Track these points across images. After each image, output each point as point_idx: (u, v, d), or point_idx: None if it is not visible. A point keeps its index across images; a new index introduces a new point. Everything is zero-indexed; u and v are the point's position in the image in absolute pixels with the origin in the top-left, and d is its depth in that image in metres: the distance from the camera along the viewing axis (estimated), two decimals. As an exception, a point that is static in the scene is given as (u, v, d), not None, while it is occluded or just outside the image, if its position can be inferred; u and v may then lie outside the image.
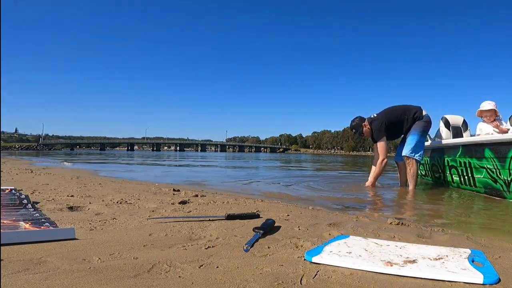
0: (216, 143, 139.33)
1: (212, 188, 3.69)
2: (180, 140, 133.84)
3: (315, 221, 1.78)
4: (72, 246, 1.19)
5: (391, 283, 0.93)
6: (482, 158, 3.17)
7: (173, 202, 2.28)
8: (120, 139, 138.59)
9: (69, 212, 1.89)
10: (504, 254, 1.22)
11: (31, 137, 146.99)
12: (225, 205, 2.22)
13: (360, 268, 1.03)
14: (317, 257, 1.09)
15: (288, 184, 4.42)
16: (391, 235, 1.49)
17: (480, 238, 1.50)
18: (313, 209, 2.24)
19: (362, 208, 2.61)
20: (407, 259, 1.10)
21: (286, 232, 1.50)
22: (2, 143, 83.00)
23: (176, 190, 2.99)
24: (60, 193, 2.59)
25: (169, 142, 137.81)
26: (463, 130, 4.66)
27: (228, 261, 1.07)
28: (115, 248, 1.18)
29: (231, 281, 0.91)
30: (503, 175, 2.93)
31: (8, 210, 1.70)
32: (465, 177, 3.62)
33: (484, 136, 3.28)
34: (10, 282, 0.86)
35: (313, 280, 0.94)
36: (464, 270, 0.99)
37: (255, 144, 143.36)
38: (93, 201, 2.22)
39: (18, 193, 2.16)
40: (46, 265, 0.99)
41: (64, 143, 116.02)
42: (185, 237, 1.37)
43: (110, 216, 1.76)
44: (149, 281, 0.90)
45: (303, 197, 3.11)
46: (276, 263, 1.06)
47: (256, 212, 1.89)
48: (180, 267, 1.00)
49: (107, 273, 0.93)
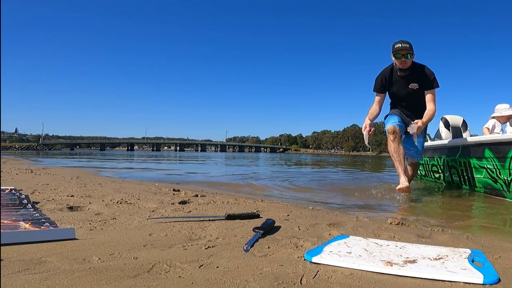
0: (216, 143, 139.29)
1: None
2: (180, 140, 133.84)
3: (315, 221, 1.78)
4: (72, 246, 1.19)
5: (391, 283, 0.93)
6: (482, 158, 3.17)
7: (173, 202, 2.28)
8: (120, 139, 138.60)
9: (69, 212, 1.89)
10: (504, 254, 1.22)
11: (31, 137, 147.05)
12: (225, 205, 2.22)
13: (360, 268, 1.03)
14: (317, 257, 1.09)
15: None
16: (391, 235, 1.49)
17: (480, 238, 1.50)
18: (313, 209, 2.25)
19: (362, 208, 2.61)
20: (407, 259, 1.10)
21: (286, 232, 1.50)
22: (2, 143, 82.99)
23: (176, 190, 2.99)
24: (60, 193, 2.59)
25: (169, 142, 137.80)
26: (462, 130, 4.66)
27: (228, 261, 1.07)
28: (115, 248, 1.18)
29: (231, 281, 0.91)
30: (503, 175, 2.93)
31: (8, 210, 1.70)
32: (465, 177, 3.62)
33: (484, 136, 3.29)
34: (10, 282, 0.86)
35: (313, 280, 0.94)
36: (464, 270, 0.99)
37: (255, 144, 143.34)
38: (93, 201, 2.22)
39: (18, 193, 2.16)
40: (46, 265, 0.99)
41: (64, 143, 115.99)
42: (185, 237, 1.37)
43: (110, 216, 1.76)
44: (149, 281, 0.90)
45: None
46: (276, 263, 1.06)
47: (256, 212, 1.89)
48: (180, 267, 1.00)
49: (107, 273, 0.93)
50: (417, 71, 3.30)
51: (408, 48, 3.18)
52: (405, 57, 3.18)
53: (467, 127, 4.70)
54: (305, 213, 2.01)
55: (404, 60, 3.20)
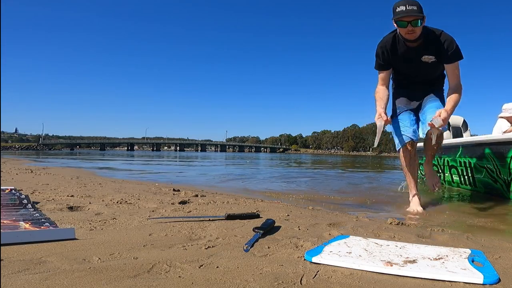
0: (216, 143, 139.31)
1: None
2: (180, 140, 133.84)
3: (315, 221, 1.78)
4: (72, 246, 1.19)
5: (391, 283, 0.93)
6: (482, 158, 3.17)
7: (173, 202, 2.28)
8: (120, 139, 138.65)
9: (69, 212, 1.89)
10: (504, 254, 1.22)
11: (31, 137, 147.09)
12: (225, 205, 2.22)
13: (360, 268, 1.03)
14: (317, 257, 1.09)
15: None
16: (391, 235, 1.49)
17: (480, 238, 1.50)
18: (313, 209, 2.25)
19: (362, 208, 2.61)
20: (407, 259, 1.10)
21: (286, 232, 1.50)
22: (2, 143, 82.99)
23: (176, 190, 2.99)
24: (60, 193, 2.59)
25: (169, 142, 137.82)
26: (463, 130, 4.66)
27: (228, 261, 1.07)
28: (115, 248, 1.18)
29: (231, 281, 0.91)
30: (503, 175, 2.93)
31: (8, 210, 1.70)
32: (465, 177, 3.62)
33: (484, 136, 3.29)
34: (10, 282, 0.86)
35: (313, 280, 0.94)
36: (464, 270, 0.99)
37: (255, 144, 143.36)
38: (93, 201, 2.22)
39: (18, 193, 2.15)
40: (46, 265, 0.99)
41: (64, 143, 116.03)
42: (185, 237, 1.37)
43: (110, 216, 1.76)
44: (149, 281, 0.90)
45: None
46: (276, 263, 1.06)
47: (256, 212, 1.89)
48: (180, 267, 1.00)
49: (107, 273, 0.93)
50: (431, 39, 2.38)
51: (416, 11, 2.24)
52: (413, 24, 2.25)
53: (468, 127, 4.69)
54: (305, 213, 2.01)
55: (412, 29, 2.27)
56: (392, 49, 2.49)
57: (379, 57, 2.55)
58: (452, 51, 2.36)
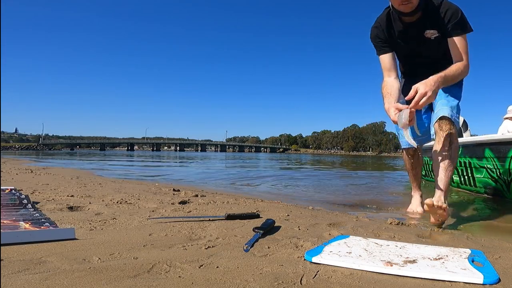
0: (216, 143, 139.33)
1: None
2: (180, 140, 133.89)
3: (315, 221, 1.78)
4: (72, 246, 1.19)
5: (391, 283, 0.93)
6: (482, 158, 3.17)
7: (173, 202, 2.28)
8: (120, 139, 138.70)
9: (69, 212, 1.89)
10: (504, 254, 1.22)
11: (31, 137, 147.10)
12: (225, 205, 2.22)
13: (360, 268, 1.03)
14: (317, 257, 1.09)
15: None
16: (391, 235, 1.49)
17: (480, 238, 1.50)
18: (313, 209, 2.25)
19: (362, 208, 2.61)
20: (407, 259, 1.10)
21: (286, 232, 1.50)
22: (2, 143, 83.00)
23: (176, 190, 2.99)
24: (60, 193, 2.59)
25: (169, 142, 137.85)
26: (463, 130, 4.66)
27: (228, 261, 1.07)
28: (115, 248, 1.18)
29: (231, 281, 0.91)
30: (503, 175, 2.93)
31: (8, 210, 1.70)
32: (465, 177, 3.62)
33: (484, 136, 3.29)
34: (10, 282, 0.86)
35: (313, 280, 0.94)
36: (464, 270, 0.99)
37: (255, 144, 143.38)
38: (93, 201, 2.22)
39: (18, 193, 2.15)
40: (46, 265, 0.99)
41: (64, 143, 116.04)
42: (185, 237, 1.37)
43: (110, 216, 1.76)
44: (149, 281, 0.90)
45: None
46: (276, 263, 1.06)
47: (256, 212, 1.89)
48: (180, 267, 1.00)
49: (107, 273, 0.93)
50: (431, 9, 1.96)
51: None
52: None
53: (468, 127, 4.69)
54: (305, 213, 2.01)
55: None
56: (387, 29, 2.09)
57: (376, 38, 2.13)
58: (457, 21, 1.92)
